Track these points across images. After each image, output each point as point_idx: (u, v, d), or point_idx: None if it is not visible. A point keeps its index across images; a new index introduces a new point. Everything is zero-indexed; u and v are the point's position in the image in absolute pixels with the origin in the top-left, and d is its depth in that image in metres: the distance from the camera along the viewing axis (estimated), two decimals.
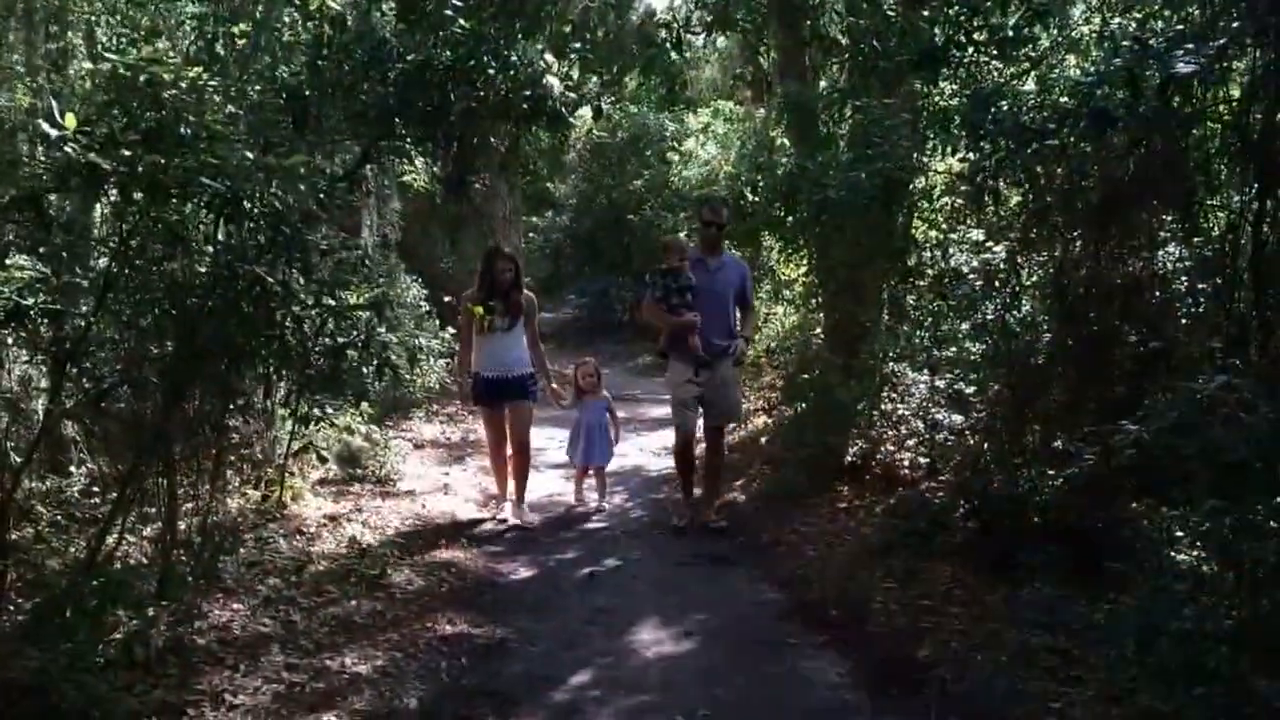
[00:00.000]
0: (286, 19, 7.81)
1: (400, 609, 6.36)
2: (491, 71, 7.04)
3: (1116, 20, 6.59)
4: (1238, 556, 4.58)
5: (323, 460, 8.70)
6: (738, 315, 8.46)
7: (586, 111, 9.17)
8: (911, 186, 7.95)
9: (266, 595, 6.13)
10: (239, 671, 5.10)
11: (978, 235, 7.50)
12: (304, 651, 5.46)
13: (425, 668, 5.49)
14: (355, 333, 6.05)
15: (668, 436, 12.54)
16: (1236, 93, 5.81)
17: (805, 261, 10.82)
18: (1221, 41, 4.96)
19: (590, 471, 9.40)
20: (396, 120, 7.31)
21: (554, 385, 8.97)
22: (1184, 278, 6.51)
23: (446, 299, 10.80)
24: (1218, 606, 4.96)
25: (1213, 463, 4.09)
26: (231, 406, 6.32)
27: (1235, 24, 5.26)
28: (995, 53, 6.59)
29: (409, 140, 7.79)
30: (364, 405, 8.28)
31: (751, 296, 8.70)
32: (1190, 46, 4.90)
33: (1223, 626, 4.70)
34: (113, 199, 5.33)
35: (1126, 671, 4.64)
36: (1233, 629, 4.63)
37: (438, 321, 13.30)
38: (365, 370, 6.32)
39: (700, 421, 8.63)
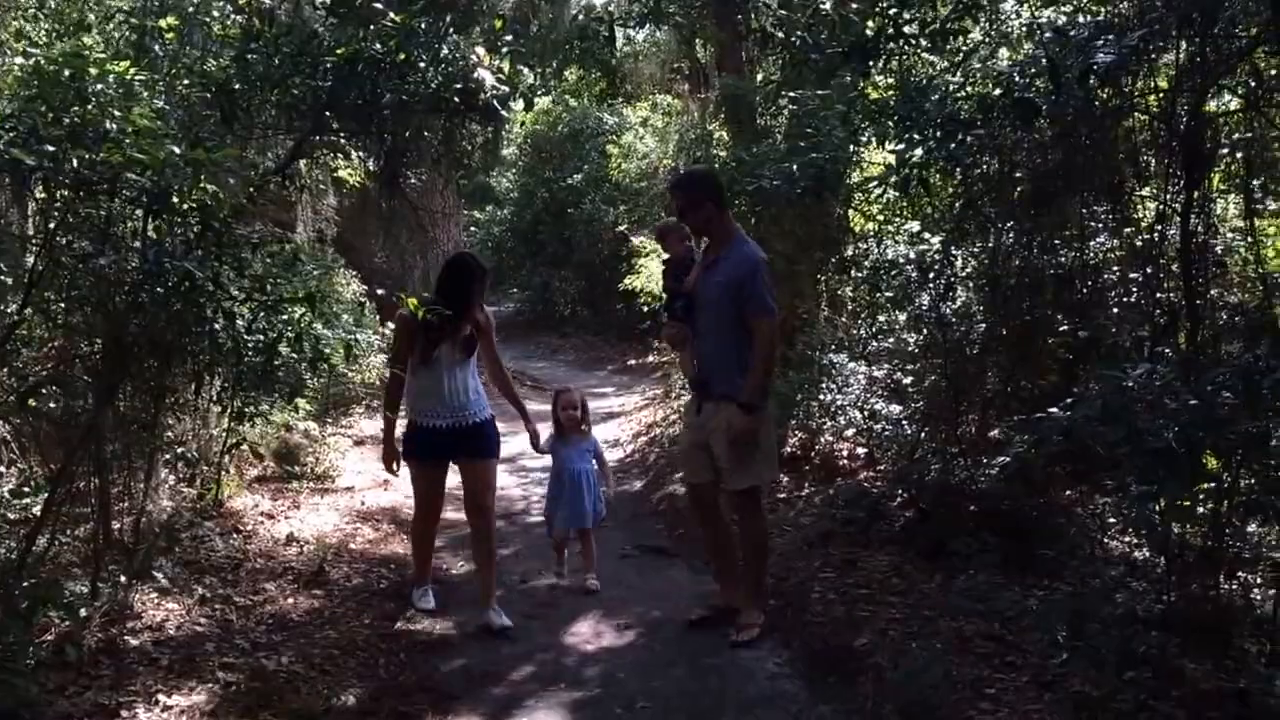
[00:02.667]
0: (216, 12, 7.70)
1: (339, 606, 6.30)
2: (422, 65, 7.00)
3: (1047, 13, 6.67)
4: (1167, 542, 4.68)
5: (259, 457, 8.60)
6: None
7: (522, 105, 9.16)
8: (847, 178, 8.01)
9: (202, 594, 6.04)
10: (174, 672, 5.01)
11: (913, 226, 7.58)
12: (240, 651, 5.39)
13: (364, 665, 5.44)
14: (289, 328, 5.98)
15: (611, 428, 12.65)
16: (1164, 84, 5.92)
17: None
18: (1142, 32, 5.04)
19: (571, 535, 6.91)
20: (328, 114, 7.24)
21: (533, 425, 6.56)
22: (1115, 267, 6.64)
23: (379, 292, 10.65)
24: (1148, 592, 5.07)
25: (1139, 449, 4.16)
26: (164, 404, 6.23)
27: (1158, 16, 5.35)
28: (927, 45, 6.66)
29: (342, 134, 7.71)
30: (301, 401, 8.18)
31: (759, 306, 5.62)
32: (1111, 37, 4.98)
33: (1153, 611, 4.80)
34: (39, 196, 5.23)
35: (1059, 657, 4.71)
36: (1162, 613, 4.73)
37: (376, 317, 13.20)
38: (300, 366, 6.26)
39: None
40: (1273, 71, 5.50)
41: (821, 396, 8.36)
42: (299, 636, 5.70)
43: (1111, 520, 6.13)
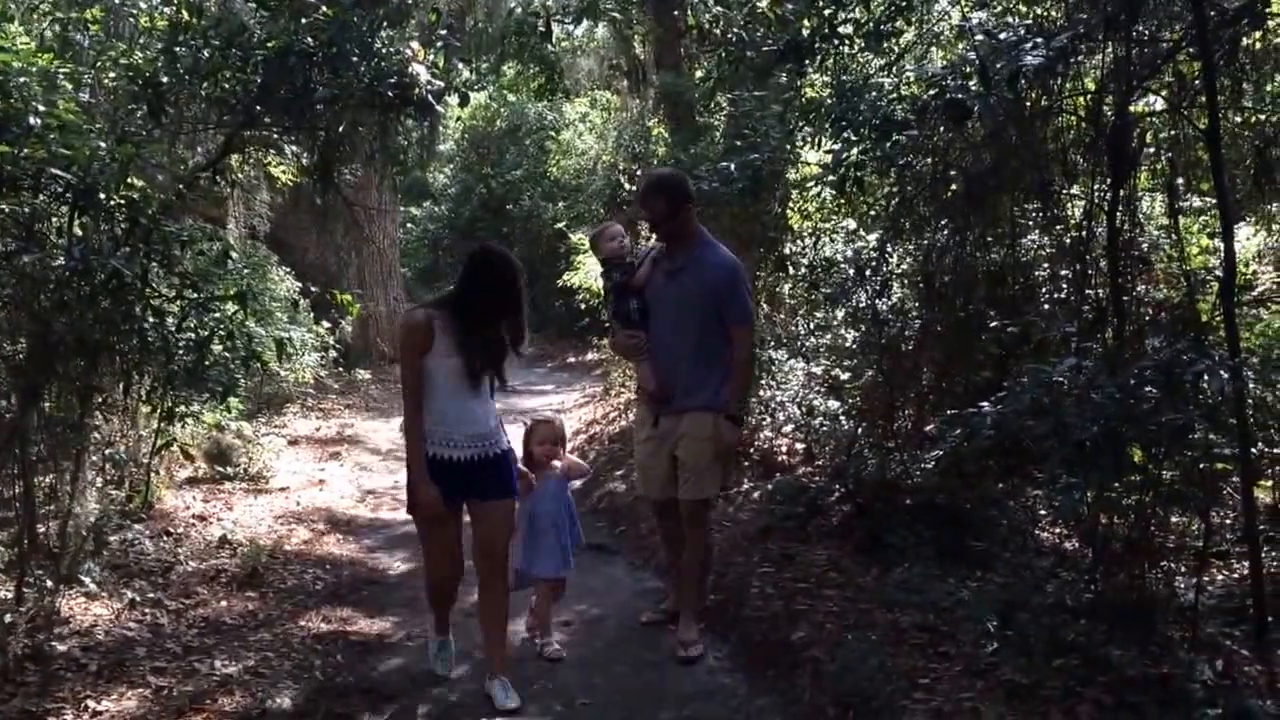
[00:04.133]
0: (144, 4, 7.56)
1: (273, 608, 6.24)
2: (355, 59, 6.92)
3: (977, 15, 6.76)
4: (1094, 533, 4.77)
5: (190, 458, 8.49)
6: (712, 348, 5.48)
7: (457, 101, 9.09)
8: (784, 178, 8.06)
9: (132, 598, 5.96)
10: (103, 677, 4.95)
11: (850, 224, 7.64)
12: (171, 655, 5.33)
13: (299, 667, 5.39)
14: (219, 326, 5.90)
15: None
16: (1091, 86, 6.01)
17: None
18: (1069, 35, 5.12)
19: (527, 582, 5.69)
20: (259, 108, 7.14)
21: (523, 469, 5.44)
22: (1045, 264, 6.74)
23: (313, 289, 10.49)
24: (1076, 581, 5.16)
25: (1065, 442, 4.24)
26: (91, 404, 6.12)
27: (1085, 20, 5.44)
28: (860, 46, 6.72)
29: (274, 129, 7.61)
30: (233, 401, 8.08)
31: (743, 313, 5.46)
32: (1039, 40, 5.06)
33: (1081, 600, 4.90)
34: None
35: (990, 646, 4.79)
36: (1090, 602, 4.83)
37: (311, 314, 13.06)
38: (231, 364, 6.17)
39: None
40: (1195, 75, 5.61)
41: (761, 393, 8.41)
42: (232, 639, 5.65)
43: (1042, 512, 6.24)
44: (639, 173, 13.79)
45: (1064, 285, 6.47)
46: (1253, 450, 4.90)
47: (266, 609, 6.21)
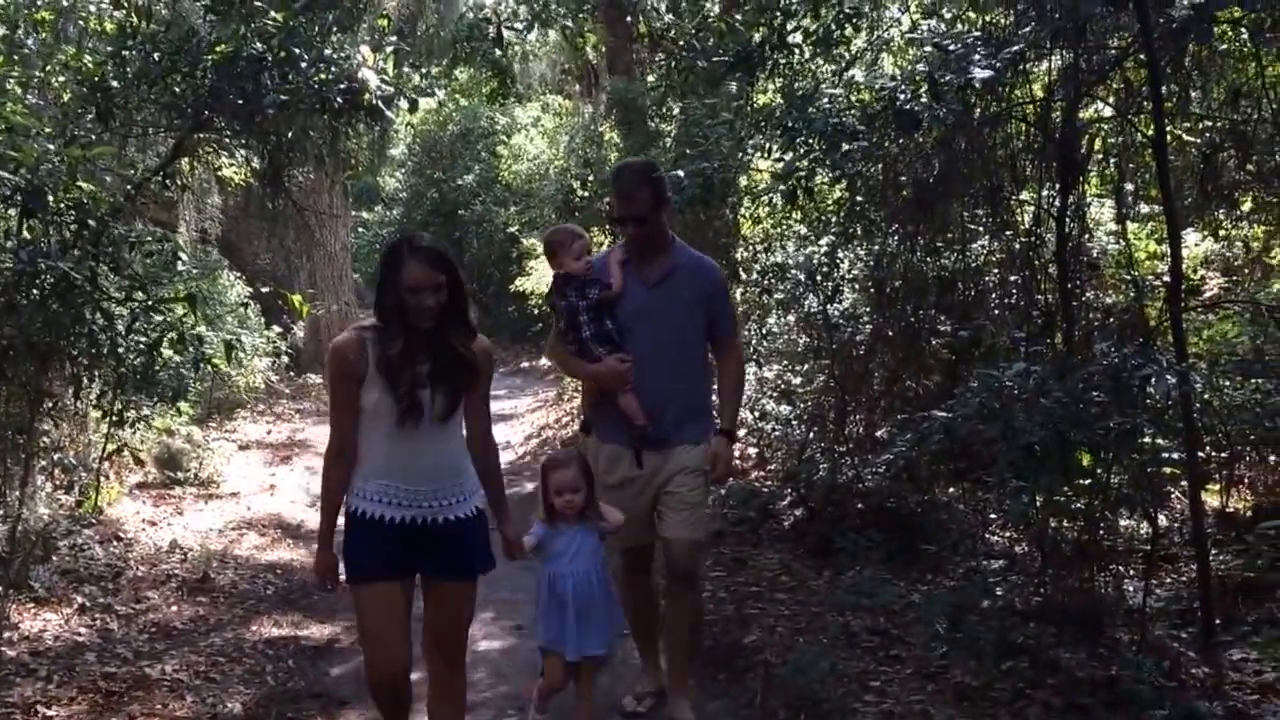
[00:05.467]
0: (93, 7, 7.47)
1: (224, 613, 6.19)
2: (305, 64, 6.89)
3: (926, 23, 6.84)
4: (1042, 536, 4.84)
5: (140, 463, 8.39)
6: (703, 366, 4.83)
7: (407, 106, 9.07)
8: (735, 185, 8.10)
9: (82, 603, 5.89)
10: (52, 682, 4.89)
11: (802, 230, 7.70)
12: (122, 660, 5.27)
13: (250, 672, 5.34)
14: (169, 329, 5.84)
15: (512, 429, 12.57)
16: (1040, 93, 6.10)
17: None
18: (1017, 48, 5.20)
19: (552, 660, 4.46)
20: (208, 112, 7.09)
21: (509, 527, 4.10)
22: (995, 270, 6.83)
23: (264, 290, 10.38)
24: (1026, 584, 5.23)
25: (1014, 446, 4.30)
26: (40, 408, 6.03)
27: (1031, 29, 5.52)
28: (811, 54, 6.77)
29: (225, 133, 7.55)
30: (183, 405, 7.99)
31: (733, 323, 4.87)
32: (986, 52, 5.13)
33: (1030, 603, 4.96)
34: None
35: (940, 649, 4.84)
36: (1039, 605, 4.89)
37: (261, 319, 12.95)
38: (182, 368, 6.11)
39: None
40: (1142, 82, 5.71)
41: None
42: (183, 644, 5.60)
43: (992, 516, 6.32)
44: (590, 178, 13.80)
45: (1013, 290, 6.56)
46: (1200, 454, 5.00)
47: (217, 614, 6.16)
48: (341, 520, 3.81)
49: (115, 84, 6.68)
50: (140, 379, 5.81)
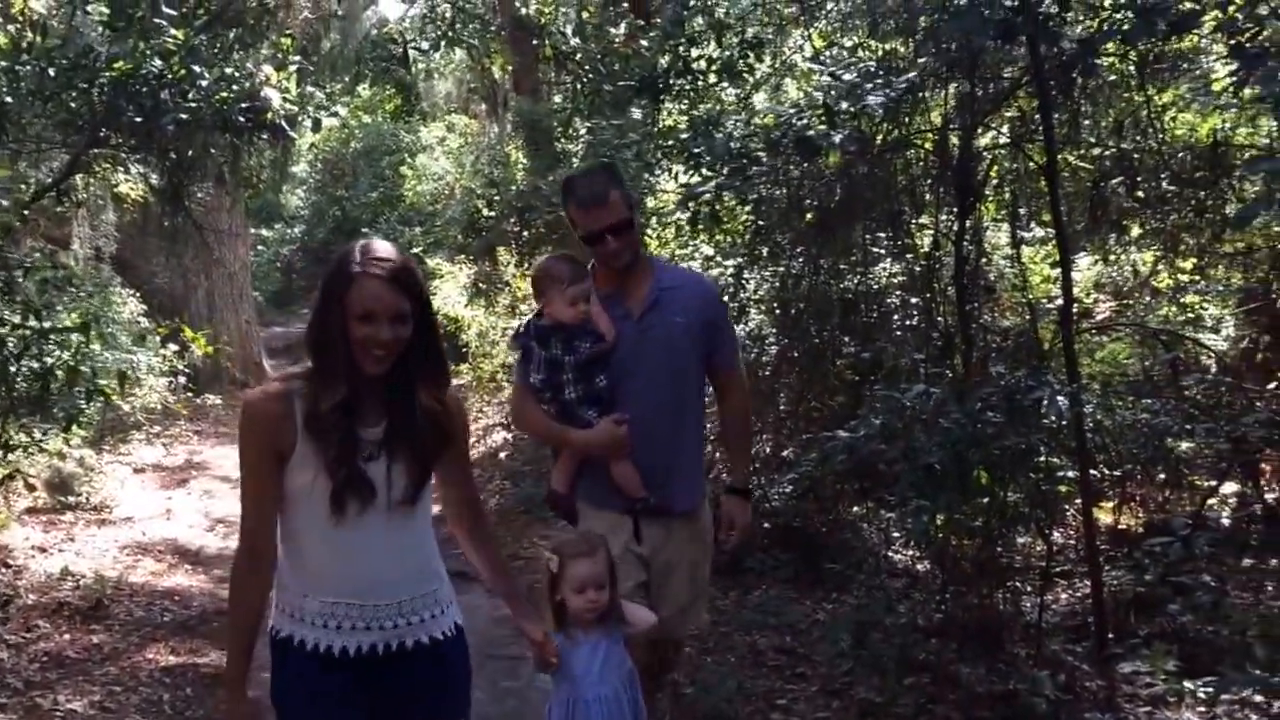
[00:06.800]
0: None
1: (119, 641, 6.03)
2: (205, 82, 6.79)
3: (828, 52, 6.97)
4: (943, 554, 4.94)
5: (30, 488, 8.13)
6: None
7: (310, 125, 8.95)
8: (644, 205, 8.14)
9: None
10: None
11: (708, 251, 7.76)
12: (13, 690, 5.12)
13: (147, 701, 5.22)
14: (63, 354, 5.69)
15: None
16: (938, 119, 6.25)
17: None
18: (911, 76, 5.32)
19: None
20: (105, 130, 6.94)
21: (530, 627, 3.21)
22: (896, 292, 6.96)
23: (165, 322, 10.12)
24: (928, 602, 5.33)
25: (914, 465, 4.39)
26: None
27: (924, 59, 5.66)
28: (715, 81, 6.86)
29: (122, 149, 7.40)
30: (76, 429, 7.77)
31: (736, 352, 3.99)
32: (882, 80, 5.24)
33: (932, 620, 5.06)
34: None
35: (845, 666, 4.91)
36: (941, 622, 4.99)
37: (158, 338, 12.64)
38: (76, 393, 5.95)
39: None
40: (1035, 111, 5.87)
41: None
42: (77, 674, 5.45)
43: (894, 534, 6.42)
44: (496, 198, 13.76)
45: (914, 313, 6.68)
46: (1092, 472, 5.14)
47: (112, 642, 6.00)
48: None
49: (9, 99, 6.51)
50: (34, 405, 5.65)
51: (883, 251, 6.89)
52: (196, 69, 6.77)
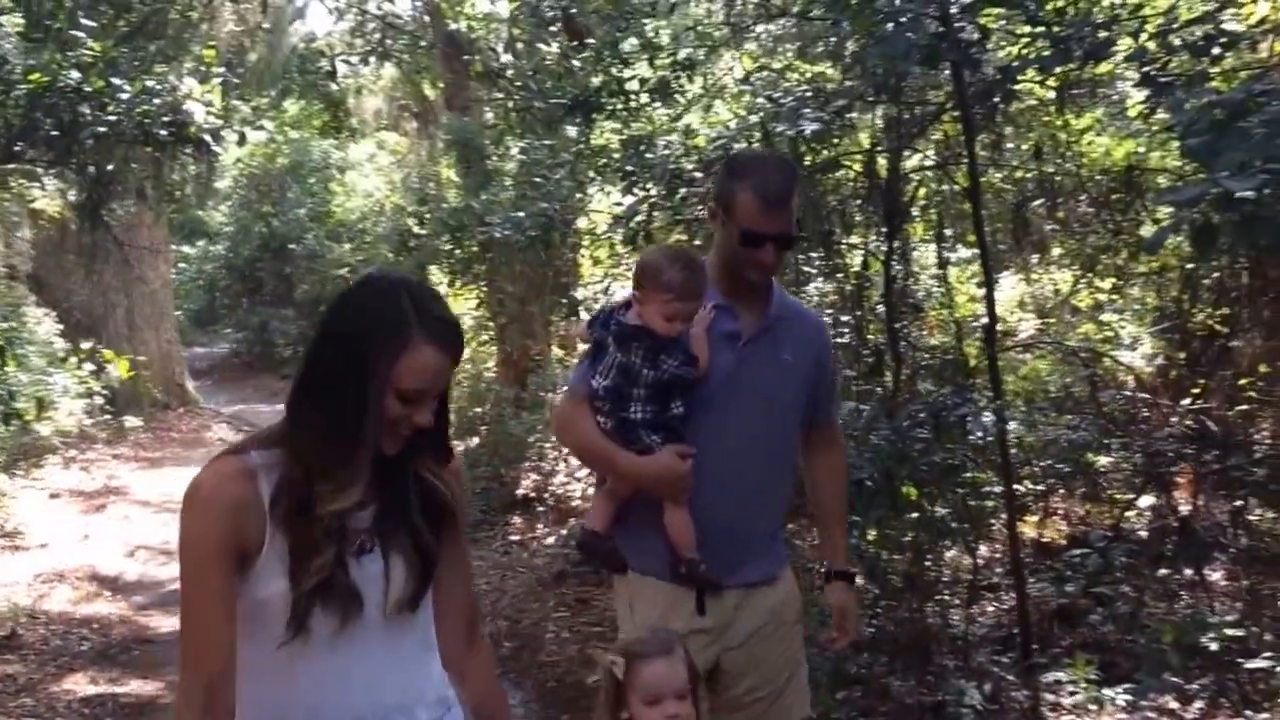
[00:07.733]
0: None
1: (35, 671, 5.90)
2: (126, 95, 6.68)
3: (759, 74, 7.03)
4: (874, 568, 4.98)
5: None
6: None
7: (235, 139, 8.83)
8: (575, 225, 8.15)
9: None
10: None
11: None
12: None
13: None
14: None
15: None
16: (867, 142, 6.34)
17: (475, 294, 10.85)
18: (843, 101, 5.40)
19: None
20: (20, 144, 6.81)
21: None
22: (828, 310, 7.03)
23: (85, 346, 9.89)
24: (860, 616, 5.37)
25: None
26: None
27: (852, 83, 5.75)
28: (647, 101, 6.89)
29: (38, 164, 7.25)
30: None
31: (835, 406, 3.58)
32: (815, 105, 5.31)
33: (863, 634, 5.09)
34: None
35: None
36: (872, 636, 5.03)
37: (75, 359, 12.37)
38: None
39: None
40: (958, 135, 5.98)
41: (554, 437, 8.43)
42: None
43: None
44: (427, 216, 13.69)
45: (845, 331, 6.76)
46: (1016, 487, 5.22)
47: (27, 672, 5.86)
48: None
49: None
50: None
51: (815, 271, 6.95)
52: (116, 81, 6.67)
